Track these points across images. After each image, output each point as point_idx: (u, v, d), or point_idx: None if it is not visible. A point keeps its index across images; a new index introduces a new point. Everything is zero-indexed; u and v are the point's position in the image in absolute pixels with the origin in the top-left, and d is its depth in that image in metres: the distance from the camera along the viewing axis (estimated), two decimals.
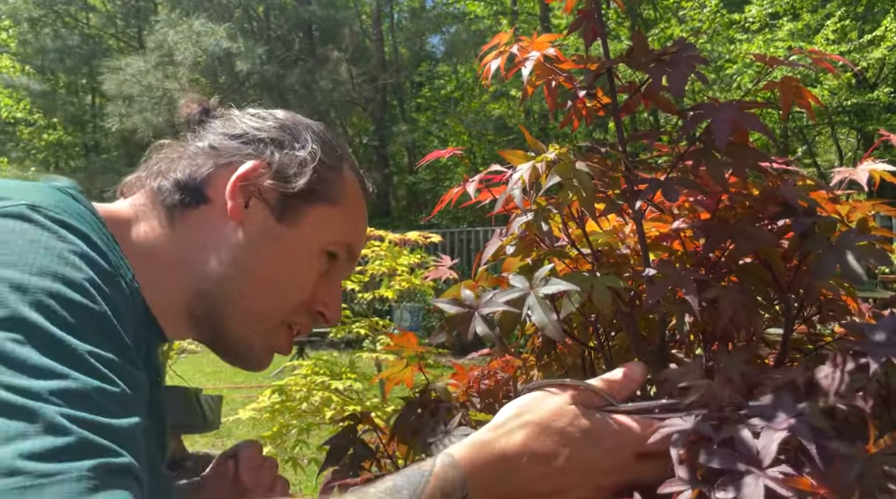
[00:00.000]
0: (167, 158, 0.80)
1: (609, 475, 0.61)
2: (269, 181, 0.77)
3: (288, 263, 0.78)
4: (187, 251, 0.76)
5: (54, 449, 0.47)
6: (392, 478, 0.58)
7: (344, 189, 0.81)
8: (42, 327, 0.53)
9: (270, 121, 0.81)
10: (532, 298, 0.66)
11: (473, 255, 3.11)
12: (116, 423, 0.52)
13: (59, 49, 16.07)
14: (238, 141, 0.79)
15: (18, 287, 0.54)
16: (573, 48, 10.00)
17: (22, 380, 0.50)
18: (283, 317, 0.79)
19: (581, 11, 0.79)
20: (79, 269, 0.59)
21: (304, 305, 0.80)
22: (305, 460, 3.24)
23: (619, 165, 0.77)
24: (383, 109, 16.59)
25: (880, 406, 0.55)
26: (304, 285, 0.79)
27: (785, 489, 0.49)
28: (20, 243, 0.58)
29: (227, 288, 0.76)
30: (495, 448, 0.61)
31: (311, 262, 0.79)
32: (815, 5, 11.57)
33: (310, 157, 0.79)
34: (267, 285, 0.77)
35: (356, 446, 0.87)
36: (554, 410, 0.62)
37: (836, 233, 0.67)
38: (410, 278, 3.26)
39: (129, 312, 0.64)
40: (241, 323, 0.78)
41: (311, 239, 0.78)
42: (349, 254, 0.82)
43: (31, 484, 0.45)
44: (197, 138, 0.80)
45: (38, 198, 0.64)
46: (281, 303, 0.78)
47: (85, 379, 0.53)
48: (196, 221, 0.77)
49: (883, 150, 8.44)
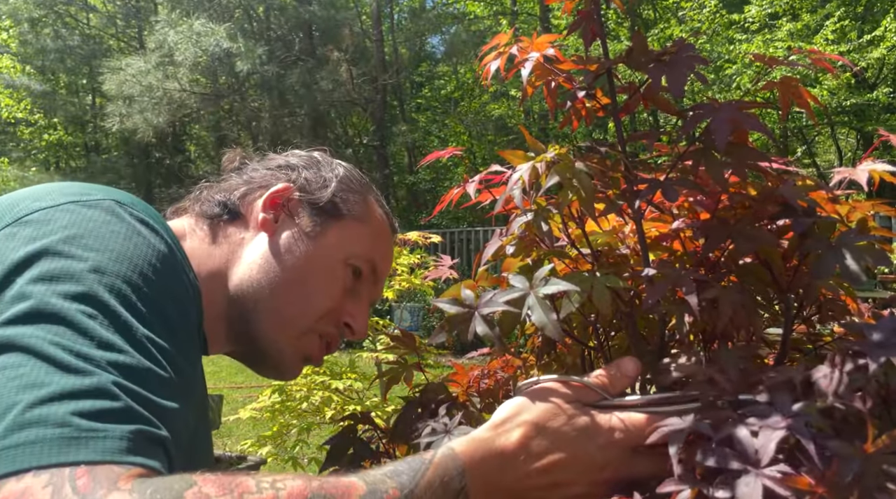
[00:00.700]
0: (210, 188, 0.90)
1: (604, 470, 0.62)
2: (297, 194, 0.86)
3: (313, 272, 0.84)
4: (225, 261, 0.84)
5: (102, 410, 0.53)
6: (393, 463, 0.60)
7: (368, 210, 0.90)
8: (111, 307, 0.59)
9: (303, 154, 0.92)
10: (532, 298, 0.67)
11: (473, 255, 3.11)
12: (160, 401, 0.58)
13: (60, 49, 16.07)
14: (274, 169, 0.89)
15: (97, 269, 0.61)
16: (573, 48, 10.01)
17: (85, 347, 0.56)
18: (311, 324, 0.85)
19: (580, 12, 0.79)
20: (152, 263, 0.66)
21: (332, 316, 0.86)
22: (306, 459, 3.24)
23: (619, 166, 0.77)
24: (383, 110, 16.58)
25: (880, 406, 0.55)
26: (330, 294, 0.85)
27: (783, 489, 0.49)
28: (104, 232, 0.65)
29: (258, 293, 0.82)
30: (494, 445, 0.62)
31: (336, 272, 0.85)
32: (815, 5, 11.57)
33: (335, 177, 0.88)
34: (294, 291, 0.83)
35: (356, 446, 0.87)
36: (549, 409, 0.63)
37: (835, 233, 0.67)
38: (410, 278, 3.26)
39: (193, 310, 0.71)
40: (271, 327, 0.83)
41: (335, 250, 0.85)
42: (374, 273, 0.89)
43: (78, 436, 0.51)
44: (238, 175, 0.91)
45: (122, 196, 0.72)
46: (308, 309, 0.84)
47: (140, 358, 0.58)
48: (233, 234, 0.86)
49: (882, 150, 8.44)
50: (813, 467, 0.50)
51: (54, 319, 0.57)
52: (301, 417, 2.92)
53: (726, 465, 0.52)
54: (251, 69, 12.69)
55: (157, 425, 0.56)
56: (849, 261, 0.62)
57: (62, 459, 0.50)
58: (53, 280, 0.59)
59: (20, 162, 16.82)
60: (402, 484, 0.57)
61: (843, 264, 0.62)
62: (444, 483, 0.58)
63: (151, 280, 0.64)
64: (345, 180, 0.89)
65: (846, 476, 0.48)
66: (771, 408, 0.55)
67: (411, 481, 0.57)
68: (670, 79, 0.72)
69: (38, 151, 18.25)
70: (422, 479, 0.58)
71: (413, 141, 16.56)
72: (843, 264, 0.62)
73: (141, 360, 0.58)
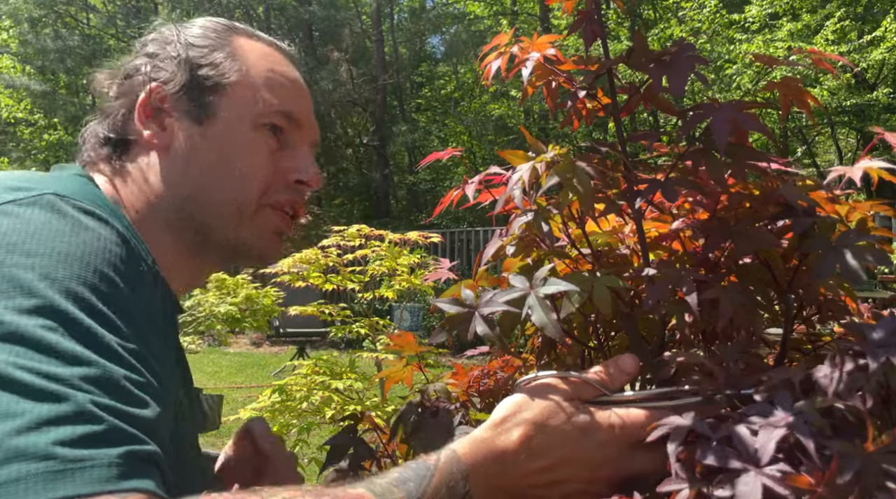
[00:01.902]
0: (96, 126, 0.83)
1: (603, 468, 0.62)
2: (164, 90, 0.79)
3: (228, 155, 0.78)
4: (145, 198, 0.78)
5: (85, 436, 0.49)
6: (398, 470, 0.59)
7: (244, 61, 0.81)
8: (71, 315, 0.55)
9: (153, 37, 0.84)
10: (532, 298, 0.67)
11: (473, 255, 3.10)
12: (142, 413, 0.54)
13: (60, 49, 16.07)
14: (134, 74, 0.82)
15: (47, 276, 0.56)
16: (573, 49, 10.01)
17: (53, 366, 0.51)
18: (258, 201, 0.80)
19: (581, 12, 0.79)
20: (105, 258, 0.61)
21: (274, 183, 0.81)
22: (306, 459, 3.25)
23: (619, 166, 0.77)
24: (383, 110, 16.58)
25: (880, 406, 0.55)
26: (257, 166, 0.79)
27: (783, 488, 0.49)
28: (47, 233, 0.59)
29: (192, 205, 0.78)
30: (495, 445, 0.62)
31: (251, 142, 0.79)
32: (815, 6, 11.57)
33: (185, 47, 0.80)
34: (222, 183, 0.78)
35: (356, 446, 0.87)
36: (548, 407, 0.63)
37: (835, 233, 0.67)
38: (410, 278, 3.26)
39: (155, 296, 0.67)
40: (222, 225, 0.79)
41: (236, 122, 0.79)
42: (291, 120, 0.82)
43: (64, 469, 0.47)
44: (114, 97, 0.83)
45: (61, 187, 0.65)
46: (244, 192, 0.79)
47: (112, 367, 0.54)
48: (134, 168, 0.80)
49: (882, 150, 8.44)
50: (813, 466, 0.50)
51: (12, 339, 0.52)
52: (301, 416, 2.92)
53: (726, 464, 0.52)
54: None
55: (145, 441, 0.53)
56: (849, 261, 0.62)
57: (51, 495, 0.46)
58: (2, 296, 0.54)
59: (20, 162, 16.81)
60: (410, 492, 0.57)
61: (842, 264, 0.63)
62: (449, 488, 0.58)
63: (108, 276, 0.59)
64: (198, 44, 0.81)
65: (846, 475, 0.48)
66: (771, 407, 0.55)
67: (418, 488, 0.57)
68: (671, 79, 0.72)
69: (37, 151, 18.24)
70: (429, 486, 0.58)
71: (413, 141, 16.57)
72: (842, 264, 0.63)
73: (114, 369, 0.54)
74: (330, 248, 3.32)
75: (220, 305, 5.34)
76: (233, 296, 5.58)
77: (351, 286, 3.31)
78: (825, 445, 0.51)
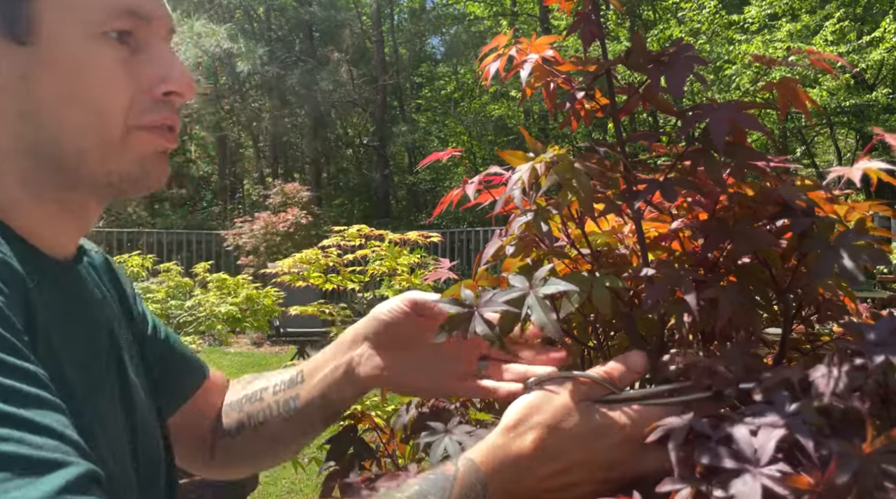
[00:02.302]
0: None
1: (616, 468, 0.62)
2: None
3: (69, 78, 0.63)
4: None
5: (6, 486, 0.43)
6: (417, 482, 0.59)
7: None
8: None
9: None
10: (532, 298, 0.67)
11: (473, 255, 3.10)
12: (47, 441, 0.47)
13: None
14: None
15: None
16: (572, 49, 10.01)
17: None
18: (123, 125, 0.66)
19: (579, 13, 0.79)
20: None
21: (138, 100, 0.66)
22: (306, 459, 3.24)
23: (618, 166, 0.77)
24: (383, 110, 16.58)
25: (878, 406, 0.56)
26: (109, 83, 0.65)
27: (782, 488, 0.49)
28: None
29: (43, 145, 0.64)
30: (511, 451, 0.61)
31: (93, 57, 0.64)
32: (814, 6, 11.58)
33: None
34: (70, 112, 0.64)
35: (356, 445, 0.88)
36: (561, 409, 0.63)
37: (834, 233, 0.67)
38: (410, 278, 3.26)
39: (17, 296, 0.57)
40: (90, 160, 0.66)
41: (68, 37, 0.63)
42: (136, 16, 0.66)
43: None
44: None
45: None
46: (103, 115, 0.65)
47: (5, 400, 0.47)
48: None
49: (881, 150, 8.45)
50: (812, 467, 0.50)
51: None
52: None
53: (725, 464, 0.52)
54: (252, 70, 12.71)
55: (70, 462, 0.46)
56: (847, 261, 0.63)
57: None
58: None
59: None
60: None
61: (841, 264, 0.63)
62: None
63: None
64: None
65: (845, 475, 0.48)
66: (770, 407, 0.55)
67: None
68: (669, 79, 0.72)
69: None
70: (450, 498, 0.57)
71: (413, 141, 16.58)
72: (841, 264, 0.63)
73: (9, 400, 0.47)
74: (330, 248, 3.33)
75: (221, 305, 5.35)
76: (233, 296, 5.59)
77: (351, 286, 3.32)
78: (824, 445, 0.51)
